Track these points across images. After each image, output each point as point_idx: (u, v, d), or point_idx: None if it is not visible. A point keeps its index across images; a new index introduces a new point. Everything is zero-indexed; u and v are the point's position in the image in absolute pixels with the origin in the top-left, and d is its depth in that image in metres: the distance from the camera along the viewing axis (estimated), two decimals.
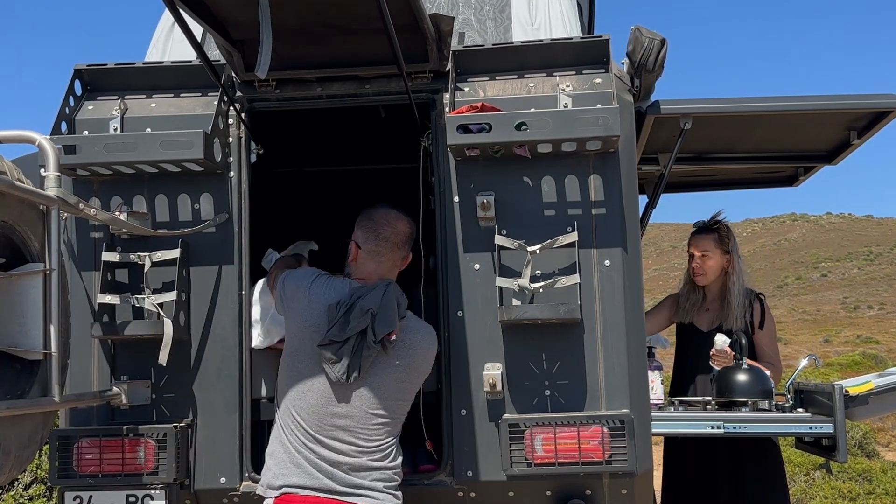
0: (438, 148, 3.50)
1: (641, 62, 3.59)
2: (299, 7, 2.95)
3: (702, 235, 4.44)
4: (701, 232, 4.48)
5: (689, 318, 4.55)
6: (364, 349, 2.93)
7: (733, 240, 4.44)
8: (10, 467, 2.75)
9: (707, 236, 4.40)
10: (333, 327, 2.95)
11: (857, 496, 8.73)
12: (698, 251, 4.41)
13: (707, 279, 4.43)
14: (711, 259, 4.36)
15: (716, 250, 4.36)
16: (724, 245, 4.37)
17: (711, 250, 4.36)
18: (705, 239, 4.40)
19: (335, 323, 2.95)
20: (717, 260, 4.37)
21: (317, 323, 3.02)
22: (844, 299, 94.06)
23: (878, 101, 3.99)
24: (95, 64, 3.63)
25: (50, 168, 2.79)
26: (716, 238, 4.37)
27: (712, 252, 4.36)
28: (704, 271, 4.40)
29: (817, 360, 4.17)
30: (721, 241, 4.37)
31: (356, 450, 2.99)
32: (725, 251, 4.38)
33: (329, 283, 3.15)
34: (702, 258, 4.39)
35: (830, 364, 22.56)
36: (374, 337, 2.93)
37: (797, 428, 3.69)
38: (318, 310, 3.04)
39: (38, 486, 6.50)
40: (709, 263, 4.37)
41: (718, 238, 4.38)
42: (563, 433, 3.24)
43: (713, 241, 4.37)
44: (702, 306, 4.53)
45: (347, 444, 2.98)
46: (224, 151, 3.50)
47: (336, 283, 3.15)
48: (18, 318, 2.76)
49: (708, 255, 4.37)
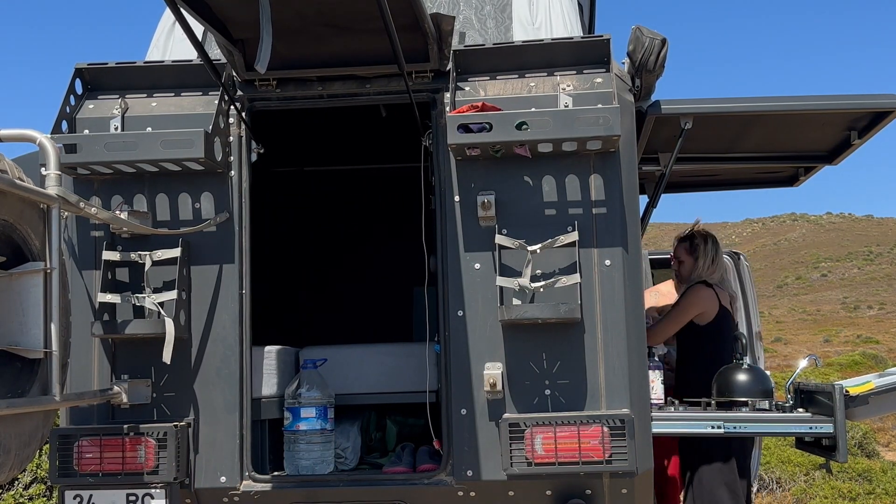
0: (439, 147, 3.50)
1: (642, 62, 3.59)
2: (300, 6, 2.95)
3: (678, 245, 4.90)
4: (678, 241, 4.92)
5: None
6: None
7: (707, 244, 4.76)
8: (10, 466, 2.75)
9: (680, 245, 4.86)
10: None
11: (857, 496, 8.73)
12: (674, 258, 4.92)
13: (681, 279, 4.91)
14: (684, 264, 4.82)
15: (687, 257, 4.79)
16: (693, 252, 4.77)
17: (683, 257, 4.81)
18: (678, 248, 4.87)
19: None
20: (688, 265, 4.80)
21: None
22: (844, 299, 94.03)
23: (879, 101, 3.99)
24: (96, 63, 3.64)
25: (50, 167, 2.79)
26: (686, 246, 4.82)
27: (684, 258, 4.81)
28: (680, 273, 4.90)
29: (817, 360, 4.18)
30: (692, 249, 4.78)
31: None
32: (695, 257, 4.76)
33: None
34: (677, 264, 4.89)
35: (830, 364, 22.56)
36: None
37: (797, 428, 3.69)
38: None
39: (38, 486, 6.49)
40: (681, 268, 4.84)
41: (690, 246, 4.80)
42: (563, 433, 3.24)
43: (684, 249, 4.82)
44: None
45: None
46: (225, 150, 3.50)
47: None
48: (19, 317, 2.76)
49: (681, 260, 4.83)
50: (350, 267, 5.68)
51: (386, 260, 5.43)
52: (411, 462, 3.72)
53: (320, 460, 3.62)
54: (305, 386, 3.65)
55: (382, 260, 5.50)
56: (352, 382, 4.01)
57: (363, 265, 5.65)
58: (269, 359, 3.79)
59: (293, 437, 3.63)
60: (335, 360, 3.93)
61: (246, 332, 3.50)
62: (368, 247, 5.65)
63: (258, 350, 3.73)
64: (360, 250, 5.69)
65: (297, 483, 3.52)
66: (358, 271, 5.66)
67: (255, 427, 3.60)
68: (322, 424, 3.63)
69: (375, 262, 5.59)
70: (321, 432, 3.63)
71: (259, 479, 3.44)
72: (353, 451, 3.86)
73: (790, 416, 3.72)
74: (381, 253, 5.53)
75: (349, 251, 5.70)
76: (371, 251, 5.63)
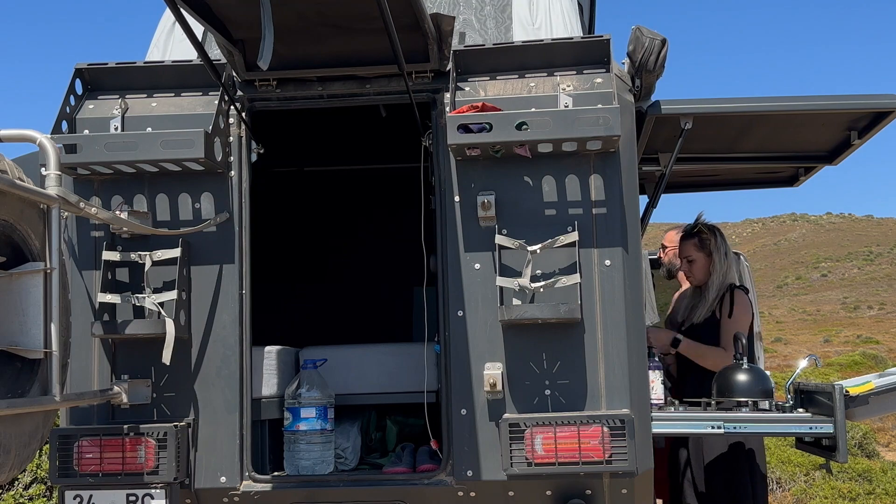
0: (439, 147, 3.50)
1: (642, 62, 3.59)
2: (300, 6, 2.95)
3: (685, 242, 4.67)
4: (684, 238, 4.71)
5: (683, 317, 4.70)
6: None
7: (717, 238, 4.60)
8: (10, 466, 2.75)
9: (688, 242, 4.64)
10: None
11: (857, 496, 8.73)
12: (683, 256, 4.67)
13: (697, 280, 4.64)
14: (696, 262, 4.59)
15: (698, 254, 4.58)
16: (704, 248, 4.57)
17: (693, 254, 4.59)
18: (687, 245, 4.64)
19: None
20: (701, 262, 4.58)
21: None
22: (844, 299, 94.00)
23: (879, 102, 3.98)
24: (96, 63, 3.64)
25: (50, 167, 2.79)
26: (696, 242, 4.60)
27: (695, 255, 4.59)
28: (692, 274, 4.64)
29: (817, 360, 4.17)
30: (702, 245, 4.57)
31: None
32: (707, 253, 4.58)
33: None
34: (688, 264, 4.64)
35: (830, 364, 22.55)
36: None
37: (797, 428, 3.69)
38: None
39: (38, 486, 6.49)
40: (694, 267, 4.60)
41: (699, 242, 4.59)
42: (563, 433, 3.24)
43: (693, 246, 4.60)
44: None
45: None
46: (225, 151, 3.50)
47: None
48: (19, 317, 2.76)
49: (692, 259, 4.60)
50: (350, 267, 5.68)
51: (386, 260, 5.43)
52: (411, 462, 3.72)
53: (320, 460, 3.62)
54: (305, 386, 3.65)
55: (382, 260, 5.50)
56: (352, 382, 4.01)
57: (363, 265, 5.65)
58: (269, 359, 3.79)
59: (293, 437, 3.63)
60: (335, 360, 3.93)
61: (246, 332, 3.50)
62: (368, 247, 5.65)
63: (258, 350, 3.73)
64: (360, 250, 5.69)
65: (297, 483, 3.52)
66: (358, 271, 5.66)
67: (256, 427, 3.60)
68: (322, 424, 3.63)
69: (375, 262, 5.59)
70: (321, 432, 3.63)
71: (259, 479, 3.44)
72: (353, 452, 3.86)
73: (790, 416, 3.71)
74: (381, 253, 5.53)
75: (349, 251, 5.70)
76: (371, 251, 5.63)
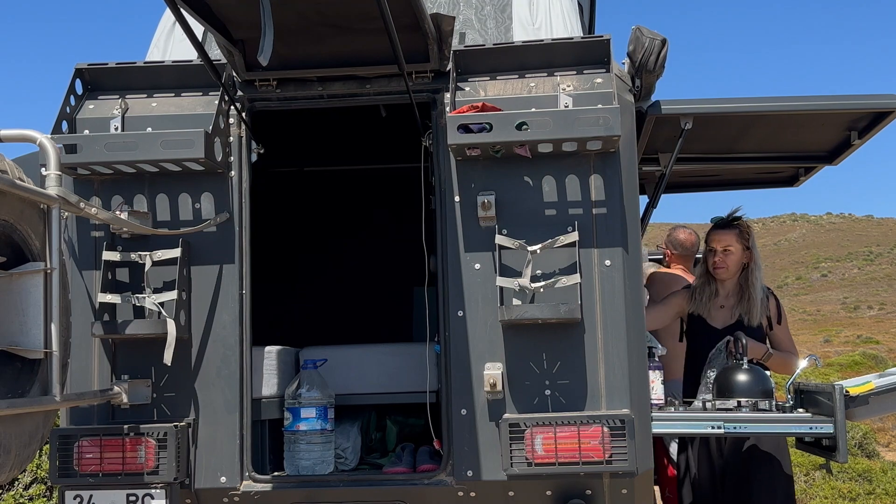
0: (439, 147, 3.50)
1: (642, 62, 3.59)
2: (300, 6, 2.95)
3: (724, 231, 4.45)
4: (722, 227, 4.50)
5: (701, 311, 4.53)
6: None
7: (753, 236, 4.48)
8: (10, 466, 2.75)
9: (729, 231, 4.42)
10: None
11: (857, 496, 8.72)
12: (720, 246, 4.43)
13: (728, 273, 4.44)
14: (733, 254, 4.39)
15: (738, 245, 4.38)
16: (745, 240, 4.39)
17: (734, 245, 4.38)
18: (727, 234, 4.42)
19: None
20: (738, 255, 4.40)
21: None
22: (844, 299, 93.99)
23: (879, 102, 3.98)
24: (96, 63, 3.64)
25: (51, 167, 2.79)
26: (737, 233, 4.40)
27: (734, 247, 4.39)
28: (726, 265, 4.42)
29: (817, 360, 4.16)
30: (742, 237, 4.39)
31: None
32: (746, 247, 4.43)
33: None
34: (724, 253, 4.41)
35: (830, 364, 22.53)
36: None
37: (797, 428, 3.68)
38: None
39: (38, 486, 6.49)
40: (730, 258, 4.40)
41: (740, 233, 4.40)
42: (563, 433, 3.24)
43: (735, 236, 4.39)
44: (714, 302, 4.52)
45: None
46: (225, 151, 3.50)
47: None
48: (19, 317, 2.76)
49: (730, 250, 4.39)
50: (350, 267, 5.68)
51: (386, 260, 5.43)
52: (411, 462, 3.72)
53: (320, 460, 3.62)
54: (305, 386, 3.65)
55: (382, 260, 5.50)
56: (352, 382, 4.01)
57: (363, 265, 5.65)
58: (269, 359, 3.79)
59: (293, 437, 3.63)
60: (335, 360, 3.93)
61: (246, 333, 3.50)
62: (368, 247, 5.65)
63: (258, 350, 3.73)
64: (360, 250, 5.69)
65: (298, 483, 3.52)
66: (358, 271, 5.66)
67: (256, 427, 3.60)
68: (322, 424, 3.63)
69: (375, 262, 5.59)
70: (321, 432, 3.63)
71: (259, 479, 3.44)
72: (354, 452, 3.86)
73: (790, 416, 3.71)
74: (382, 253, 5.53)
75: (349, 251, 5.70)
76: (371, 251, 5.63)
